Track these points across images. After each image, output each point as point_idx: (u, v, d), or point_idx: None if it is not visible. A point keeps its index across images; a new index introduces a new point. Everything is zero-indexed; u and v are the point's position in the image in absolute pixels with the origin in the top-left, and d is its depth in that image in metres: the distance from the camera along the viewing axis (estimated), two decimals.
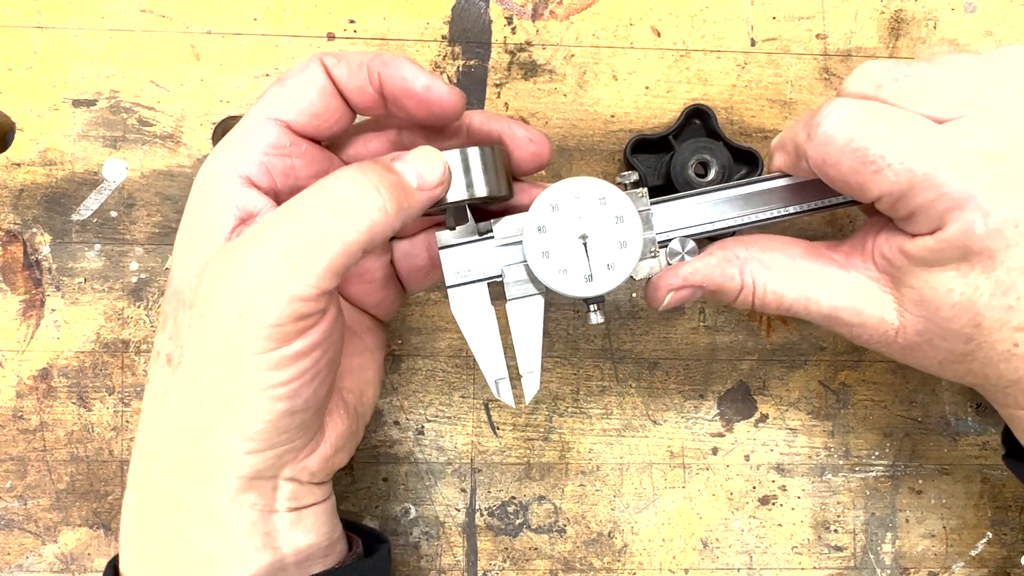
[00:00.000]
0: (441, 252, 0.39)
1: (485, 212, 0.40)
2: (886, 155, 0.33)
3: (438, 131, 0.39)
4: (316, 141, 0.37)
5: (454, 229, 0.39)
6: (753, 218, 0.39)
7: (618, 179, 0.39)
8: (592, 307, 0.39)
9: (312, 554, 0.36)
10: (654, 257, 0.39)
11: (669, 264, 0.39)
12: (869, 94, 0.35)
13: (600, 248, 0.38)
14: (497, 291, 0.39)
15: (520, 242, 0.38)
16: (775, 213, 0.39)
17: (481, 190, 0.37)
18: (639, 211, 0.38)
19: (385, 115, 0.38)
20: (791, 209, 0.39)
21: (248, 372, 0.32)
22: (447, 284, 0.39)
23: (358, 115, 0.38)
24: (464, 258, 0.39)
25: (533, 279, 0.39)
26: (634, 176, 0.39)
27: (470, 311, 0.39)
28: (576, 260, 0.38)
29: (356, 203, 0.33)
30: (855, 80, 0.36)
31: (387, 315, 0.42)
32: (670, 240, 0.39)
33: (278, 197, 0.36)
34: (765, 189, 0.39)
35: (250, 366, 0.32)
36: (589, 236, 0.38)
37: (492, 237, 0.39)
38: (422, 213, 0.36)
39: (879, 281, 0.37)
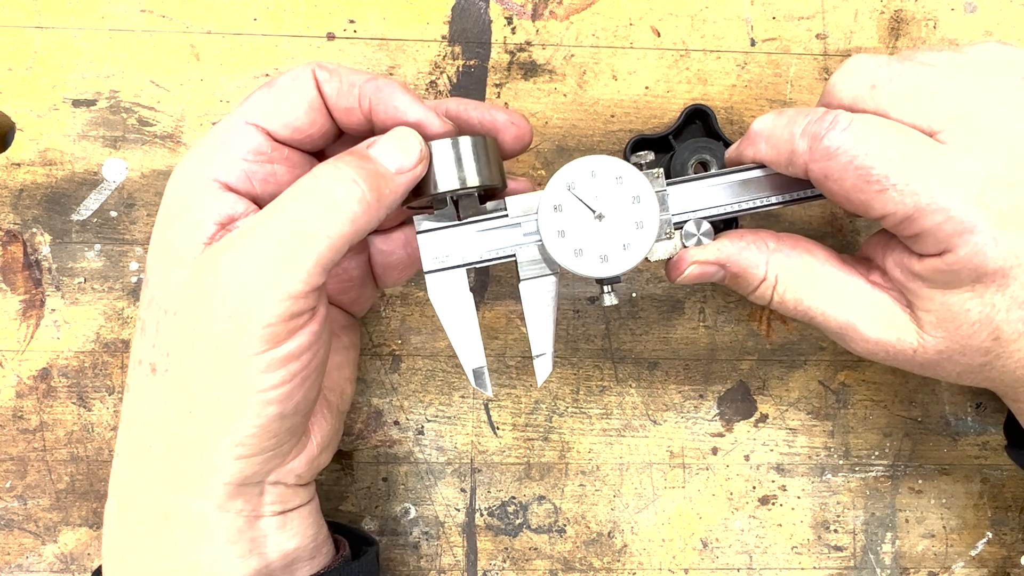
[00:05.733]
0: (419, 236, 0.38)
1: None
2: (891, 175, 0.33)
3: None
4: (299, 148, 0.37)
5: (433, 213, 0.38)
6: (771, 200, 0.39)
7: (633, 159, 0.38)
8: (606, 288, 0.39)
9: (298, 557, 0.36)
10: (669, 239, 0.38)
11: (684, 246, 0.38)
12: (864, 96, 0.35)
13: (616, 228, 0.37)
14: (479, 280, 0.38)
15: (533, 220, 0.38)
16: (795, 196, 0.39)
17: (473, 179, 0.36)
18: (655, 191, 0.38)
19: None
20: (811, 192, 0.39)
21: (240, 376, 0.32)
22: (425, 270, 0.38)
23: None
24: (443, 243, 0.38)
25: (547, 259, 0.38)
26: (650, 156, 0.38)
27: (448, 298, 0.38)
28: (592, 240, 0.37)
29: (337, 197, 0.33)
30: (847, 78, 0.36)
31: (361, 311, 0.42)
32: (685, 222, 0.38)
33: (258, 201, 0.35)
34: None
35: (242, 369, 0.32)
36: (605, 216, 0.37)
37: (472, 222, 0.38)
38: (407, 195, 0.36)
39: (899, 302, 0.37)
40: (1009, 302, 0.34)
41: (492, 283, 0.47)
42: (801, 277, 0.38)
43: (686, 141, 0.46)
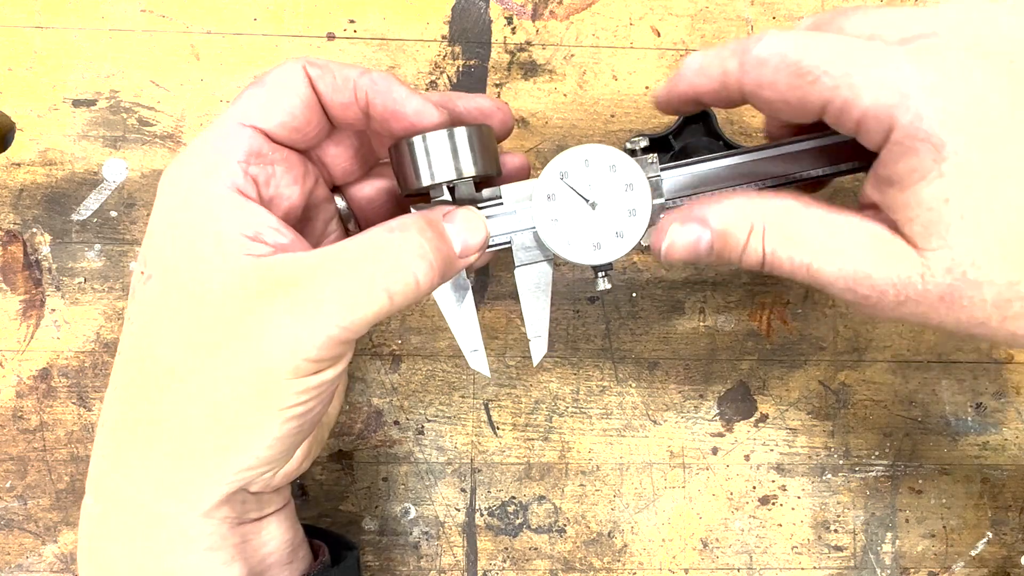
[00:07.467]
0: None
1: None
2: (821, 63, 0.32)
3: None
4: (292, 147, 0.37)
5: (430, 202, 0.38)
6: (765, 184, 0.39)
7: (628, 144, 0.39)
8: (600, 274, 0.39)
9: (275, 562, 0.36)
10: None
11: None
12: (825, 20, 0.36)
13: (609, 216, 0.38)
14: (480, 280, 0.39)
15: (528, 208, 0.38)
16: (786, 178, 0.39)
17: (469, 169, 0.37)
18: (649, 177, 0.38)
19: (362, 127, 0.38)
20: (802, 174, 0.38)
21: (270, 395, 0.32)
22: None
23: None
24: None
25: (541, 246, 0.39)
26: (644, 142, 0.39)
27: (446, 285, 0.39)
28: (585, 228, 0.38)
29: (409, 266, 0.33)
30: (810, 19, 0.37)
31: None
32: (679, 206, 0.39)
33: (263, 205, 0.35)
34: (775, 155, 0.38)
35: (274, 390, 0.32)
36: (598, 204, 0.38)
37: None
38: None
39: (893, 229, 0.34)
40: (984, 178, 0.31)
41: (492, 283, 0.47)
42: (788, 224, 0.35)
43: (686, 141, 0.46)
